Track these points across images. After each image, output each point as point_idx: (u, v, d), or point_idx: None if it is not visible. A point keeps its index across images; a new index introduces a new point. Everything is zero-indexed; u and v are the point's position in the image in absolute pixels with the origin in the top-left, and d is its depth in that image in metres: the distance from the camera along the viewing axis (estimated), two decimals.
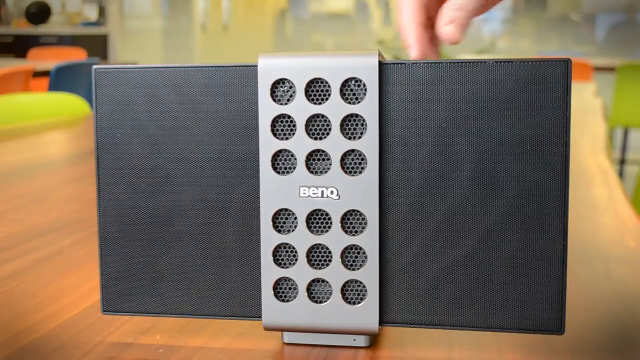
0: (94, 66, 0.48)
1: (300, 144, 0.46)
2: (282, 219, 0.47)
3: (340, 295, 0.46)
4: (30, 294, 0.58)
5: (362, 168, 0.45)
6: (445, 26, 0.50)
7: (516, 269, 0.45)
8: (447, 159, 0.45)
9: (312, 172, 0.46)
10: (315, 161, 0.46)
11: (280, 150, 0.46)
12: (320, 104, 0.45)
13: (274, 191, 0.46)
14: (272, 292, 0.47)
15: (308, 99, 0.45)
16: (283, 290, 0.47)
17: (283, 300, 0.47)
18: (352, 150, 0.45)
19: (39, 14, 6.11)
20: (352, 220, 0.46)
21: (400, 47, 5.23)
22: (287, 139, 0.46)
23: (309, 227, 0.46)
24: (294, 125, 0.46)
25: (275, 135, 0.46)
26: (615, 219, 0.83)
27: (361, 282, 0.46)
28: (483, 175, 0.44)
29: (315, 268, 0.46)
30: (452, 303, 0.46)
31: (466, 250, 0.45)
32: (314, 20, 6.02)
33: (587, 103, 2.13)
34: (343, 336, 0.48)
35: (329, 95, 0.45)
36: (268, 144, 0.46)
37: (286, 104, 0.46)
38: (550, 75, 0.43)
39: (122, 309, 0.49)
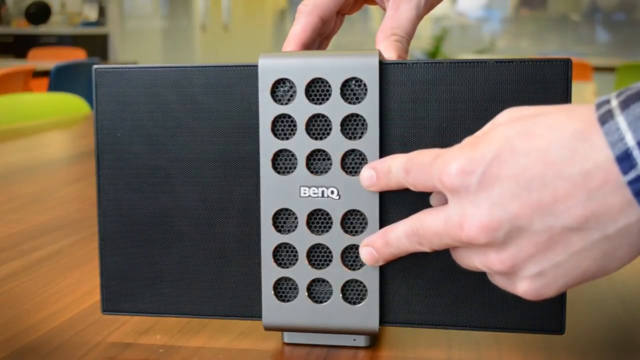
0: (95, 66, 0.48)
1: (300, 144, 0.45)
2: (282, 219, 0.47)
3: (341, 295, 0.46)
4: (30, 294, 0.58)
5: None
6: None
7: None
8: None
9: (312, 172, 0.46)
10: (316, 161, 0.46)
11: (280, 150, 0.46)
12: (320, 103, 0.45)
13: (275, 191, 0.46)
14: (272, 292, 0.47)
15: (308, 99, 0.45)
16: (283, 290, 0.47)
17: (283, 300, 0.47)
18: (353, 150, 0.45)
19: (39, 14, 6.11)
20: (352, 220, 0.46)
21: None
22: (287, 138, 0.46)
23: (309, 227, 0.46)
24: (295, 125, 0.46)
25: (275, 135, 0.46)
26: None
27: (361, 282, 0.46)
28: None
29: (316, 268, 0.46)
30: (452, 303, 0.46)
31: None
32: None
33: (587, 103, 2.13)
34: (343, 336, 0.48)
35: (330, 95, 0.45)
36: (268, 144, 0.46)
37: (287, 103, 0.46)
38: (550, 75, 0.43)
39: (122, 309, 0.49)
